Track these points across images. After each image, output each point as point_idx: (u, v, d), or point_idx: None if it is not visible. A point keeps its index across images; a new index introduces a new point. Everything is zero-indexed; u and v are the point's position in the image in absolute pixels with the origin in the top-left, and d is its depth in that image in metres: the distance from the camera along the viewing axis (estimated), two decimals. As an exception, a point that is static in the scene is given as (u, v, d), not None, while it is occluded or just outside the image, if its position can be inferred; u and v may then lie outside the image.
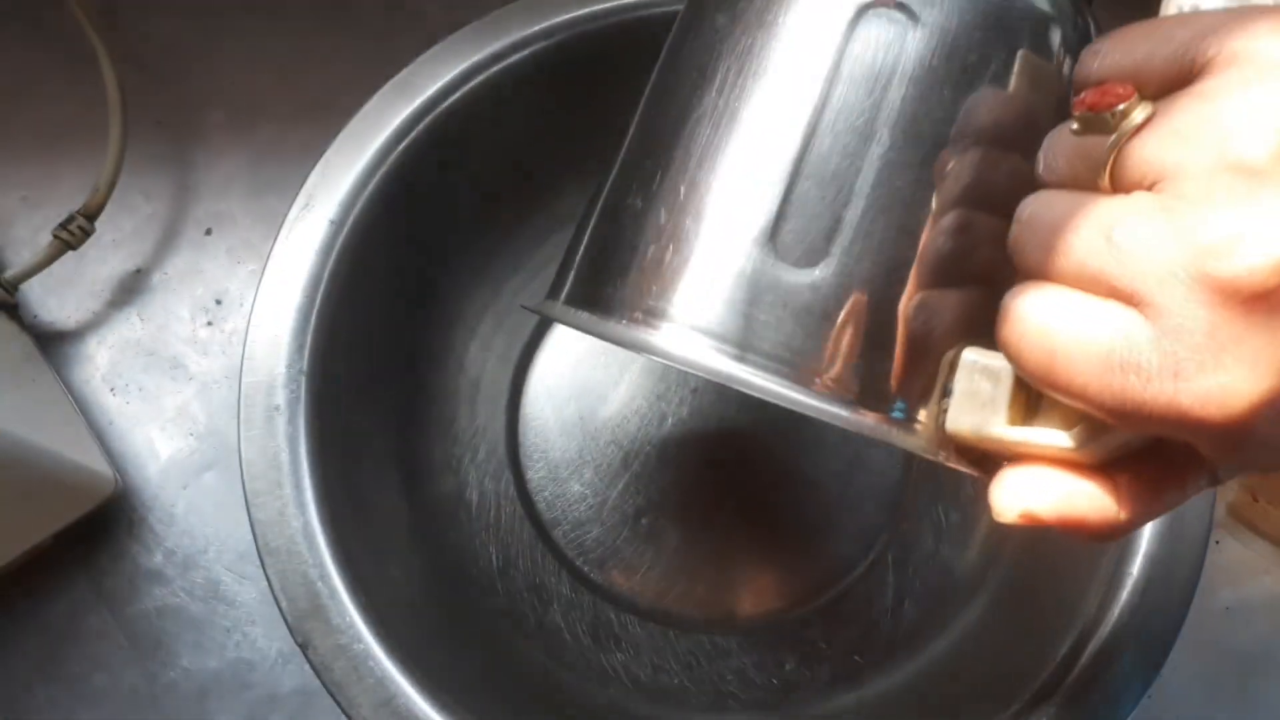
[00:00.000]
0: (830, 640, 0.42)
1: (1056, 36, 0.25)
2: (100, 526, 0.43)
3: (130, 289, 0.46)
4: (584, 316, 0.27)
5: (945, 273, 0.24)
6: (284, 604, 0.34)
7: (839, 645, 0.42)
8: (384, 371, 0.41)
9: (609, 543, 0.44)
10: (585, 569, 0.43)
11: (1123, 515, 0.21)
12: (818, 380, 0.24)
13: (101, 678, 0.42)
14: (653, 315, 0.25)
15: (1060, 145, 0.21)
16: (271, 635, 0.42)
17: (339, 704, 0.33)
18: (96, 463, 0.42)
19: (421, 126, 0.39)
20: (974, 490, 0.44)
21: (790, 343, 0.24)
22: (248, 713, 0.41)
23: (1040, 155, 0.22)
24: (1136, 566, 0.36)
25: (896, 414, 0.24)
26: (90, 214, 0.44)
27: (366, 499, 0.39)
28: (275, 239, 0.38)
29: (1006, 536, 0.42)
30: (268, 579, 0.34)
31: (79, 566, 0.43)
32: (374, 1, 0.49)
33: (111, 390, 0.45)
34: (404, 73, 0.40)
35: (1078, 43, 0.25)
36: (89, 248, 0.45)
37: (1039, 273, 0.20)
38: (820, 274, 0.24)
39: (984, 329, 0.23)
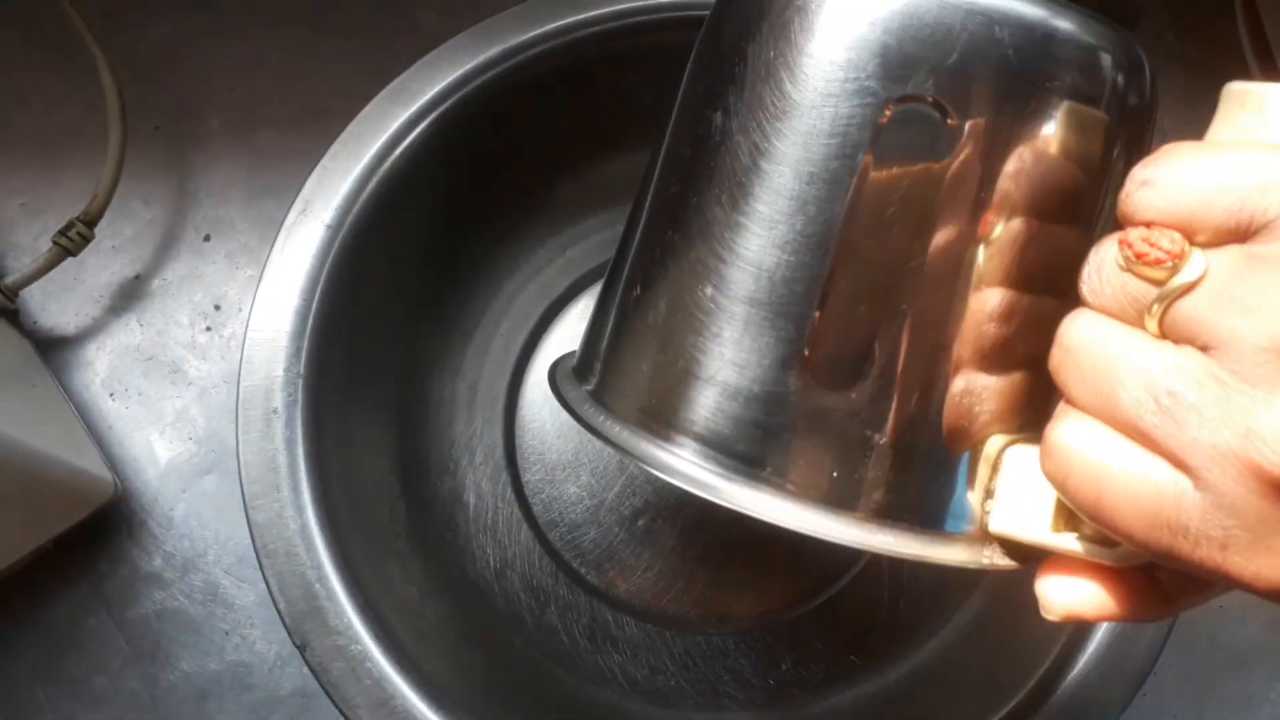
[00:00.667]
0: (826, 640, 0.42)
1: (1104, 80, 0.23)
2: (100, 530, 0.43)
3: (129, 295, 0.47)
4: (607, 424, 0.26)
5: (988, 363, 0.23)
6: (282, 605, 0.34)
7: (835, 645, 0.42)
8: (381, 375, 0.41)
9: (606, 544, 0.44)
10: (582, 570, 0.44)
11: (1165, 608, 0.22)
12: (855, 505, 0.23)
13: (101, 680, 0.42)
14: (673, 430, 0.24)
15: (1107, 275, 0.19)
16: (270, 638, 0.42)
17: (336, 704, 0.33)
18: (96, 467, 0.42)
19: (418, 132, 0.40)
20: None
21: (823, 468, 0.23)
22: (247, 715, 0.42)
23: (1086, 276, 0.20)
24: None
25: (940, 526, 0.23)
26: (90, 220, 0.44)
27: (364, 501, 0.39)
28: (273, 243, 0.38)
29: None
30: (266, 581, 0.35)
31: (79, 570, 0.43)
32: (371, 8, 0.50)
33: (111, 395, 0.45)
34: (400, 78, 0.40)
35: (1127, 75, 0.23)
36: (88, 254, 0.45)
37: (1084, 407, 0.20)
38: (857, 396, 0.23)
39: (1028, 417, 0.23)
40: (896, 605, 0.42)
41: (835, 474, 0.23)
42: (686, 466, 0.24)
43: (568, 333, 0.47)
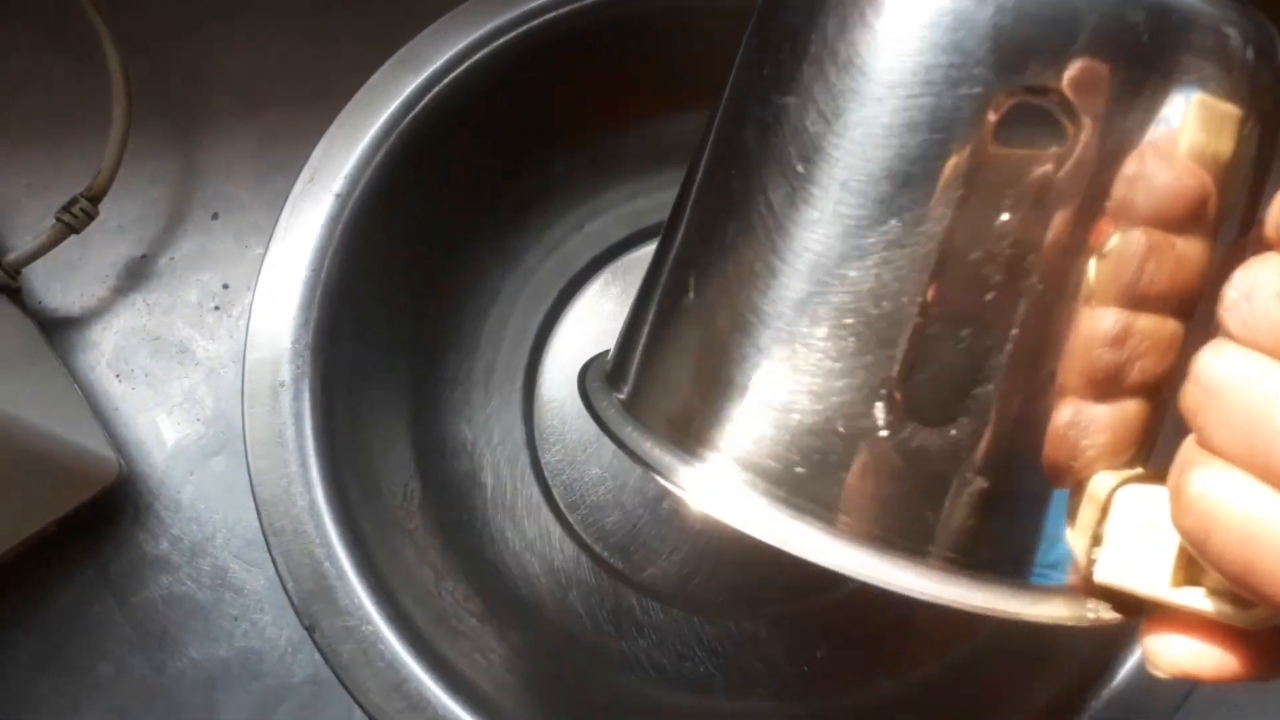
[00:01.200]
0: (863, 627, 0.40)
1: (1245, 74, 0.20)
2: (105, 514, 0.42)
3: (136, 274, 0.45)
4: (658, 454, 0.22)
5: (1098, 391, 0.20)
6: (289, 585, 0.33)
7: (872, 633, 0.40)
8: (394, 349, 0.40)
9: (629, 527, 0.42)
10: (605, 554, 0.42)
11: None
12: (937, 554, 0.20)
13: (106, 668, 0.40)
14: (728, 460, 0.21)
15: (1261, 306, 0.17)
16: (281, 624, 0.41)
17: (346, 688, 0.32)
18: (101, 448, 0.41)
19: (428, 99, 0.38)
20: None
21: (907, 511, 0.20)
22: (257, 703, 0.40)
23: (1232, 303, 0.18)
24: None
25: (1036, 578, 0.20)
26: (94, 197, 0.43)
27: (377, 479, 0.37)
28: (280, 213, 0.37)
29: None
30: (273, 560, 0.33)
31: (83, 554, 0.41)
32: (382, -18, 0.48)
33: (117, 376, 0.44)
34: (410, 44, 0.39)
35: (1272, 70, 0.20)
36: (93, 233, 0.44)
37: (1229, 456, 0.17)
38: (956, 432, 0.20)
39: (1136, 452, 0.20)
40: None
41: (917, 518, 0.20)
42: (746, 504, 0.21)
43: (587, 310, 0.45)
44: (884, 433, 0.20)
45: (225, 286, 0.45)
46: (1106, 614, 0.21)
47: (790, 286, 0.21)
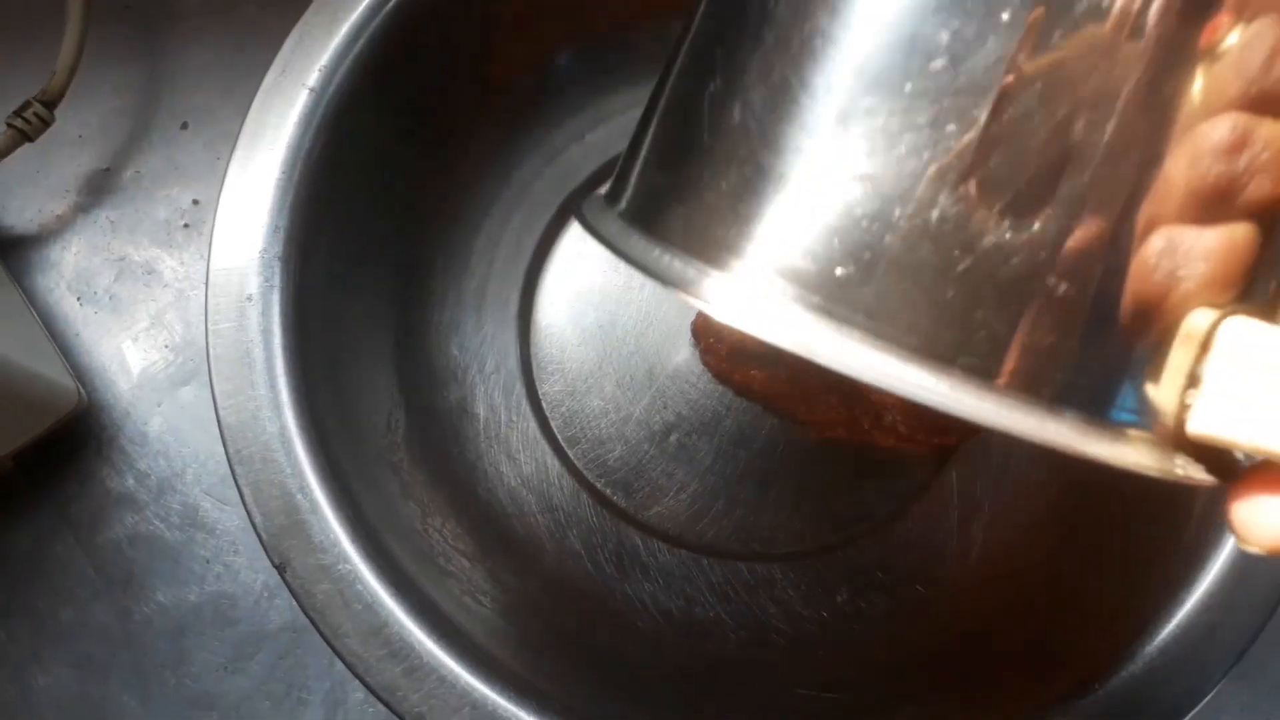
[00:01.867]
0: (887, 568, 0.37)
1: None
2: (65, 448, 0.38)
3: (99, 189, 0.42)
4: (670, 263, 0.19)
5: (1205, 208, 0.17)
6: (258, 519, 0.30)
7: (897, 574, 0.37)
8: (375, 264, 0.36)
9: (634, 462, 0.39)
10: (608, 491, 0.38)
11: None
12: (1005, 376, 0.17)
13: (68, 613, 0.37)
14: (759, 265, 0.18)
15: None
16: (256, 566, 0.38)
17: (321, 632, 0.29)
18: (60, 376, 0.37)
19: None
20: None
21: (970, 323, 0.17)
22: (231, 651, 0.37)
23: None
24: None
25: (1118, 416, 0.17)
26: (49, 101, 0.39)
27: (357, 407, 0.34)
28: (248, 110, 0.33)
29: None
30: (239, 491, 0.30)
31: (42, 492, 0.38)
32: None
33: (78, 299, 0.40)
34: (394, -74, 0.34)
35: None
36: (51, 143, 0.40)
37: None
38: (1039, 227, 0.16)
39: (1245, 288, 0.17)
40: (968, 528, 0.37)
41: (983, 332, 0.17)
42: (778, 313, 0.17)
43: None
44: (950, 226, 0.16)
45: (195, 202, 0.42)
46: (1197, 473, 0.17)
47: (849, 50, 0.17)
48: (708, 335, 0.38)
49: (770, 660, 0.36)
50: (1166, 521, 0.32)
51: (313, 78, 0.33)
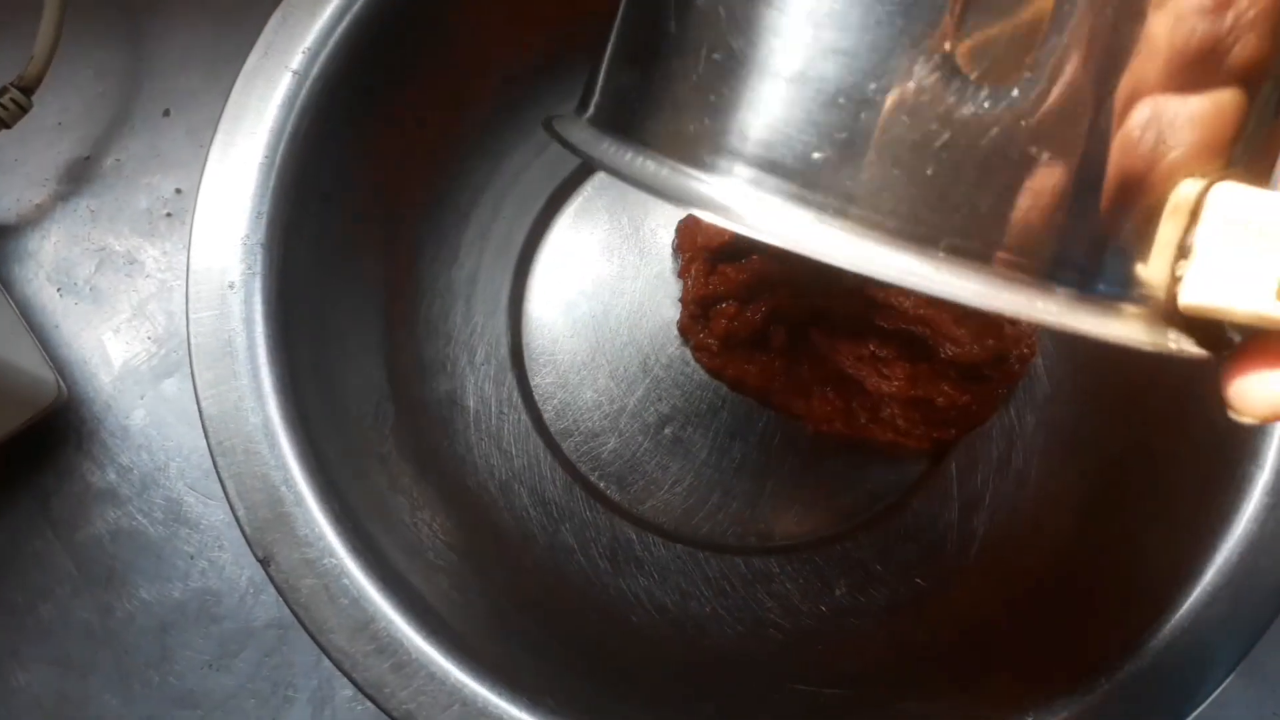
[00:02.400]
0: (886, 561, 0.36)
1: None
2: (45, 441, 0.37)
3: (79, 177, 0.41)
4: (636, 160, 0.18)
5: (1190, 72, 0.16)
6: (240, 512, 0.29)
7: (896, 567, 0.36)
8: (364, 254, 0.35)
9: (627, 455, 0.38)
10: (601, 484, 0.38)
11: None
12: (993, 254, 0.16)
13: (47, 610, 0.36)
14: (727, 156, 0.17)
15: None
16: (242, 562, 0.37)
17: (307, 629, 0.28)
18: (38, 368, 0.37)
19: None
20: (1051, 390, 0.38)
21: (951, 201, 0.16)
22: (216, 649, 0.36)
23: None
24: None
25: (1109, 291, 0.17)
26: (26, 86, 0.38)
27: (343, 397, 0.33)
28: (229, 94, 0.32)
29: (1089, 446, 0.36)
30: (221, 484, 0.29)
31: (20, 486, 0.37)
32: None
33: (58, 290, 0.40)
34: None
35: None
36: (30, 130, 0.39)
37: None
38: (1019, 94, 0.16)
39: (1239, 152, 0.16)
40: (969, 520, 0.36)
41: (967, 209, 0.16)
42: (755, 205, 0.17)
43: (579, 217, 0.40)
44: (926, 98, 0.16)
45: (178, 191, 0.41)
46: (1190, 347, 0.17)
47: None
48: (695, 332, 0.38)
49: (768, 655, 0.35)
50: (1172, 514, 0.32)
51: (296, 60, 0.33)
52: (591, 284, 0.40)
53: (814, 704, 0.33)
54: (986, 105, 0.16)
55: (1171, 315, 0.17)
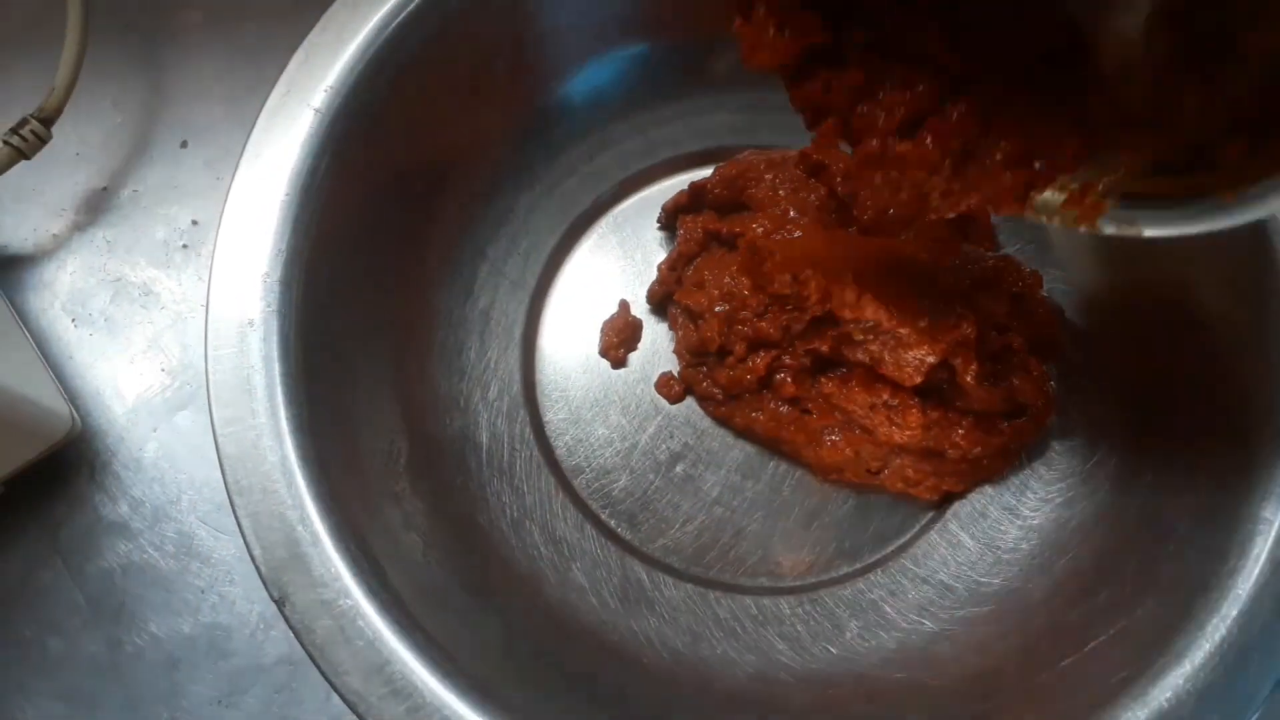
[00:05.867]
0: (897, 603, 0.36)
1: None
2: (57, 473, 0.37)
3: (96, 207, 0.41)
4: None
5: None
6: (257, 551, 0.29)
7: (908, 608, 0.36)
8: (379, 290, 0.35)
9: (639, 493, 0.38)
10: (612, 522, 0.38)
11: None
12: None
13: (57, 643, 0.36)
14: None
15: None
16: (253, 597, 0.37)
17: (321, 670, 0.28)
18: (52, 400, 0.37)
19: (416, 5, 0.34)
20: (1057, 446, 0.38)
21: None
22: (226, 685, 0.36)
23: None
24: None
25: None
26: (46, 118, 0.39)
27: (358, 434, 0.33)
28: (250, 130, 0.32)
29: (1096, 490, 0.36)
30: (238, 522, 0.29)
31: (32, 518, 0.37)
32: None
33: (73, 320, 0.40)
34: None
35: None
36: (48, 161, 0.39)
37: None
38: None
39: None
40: (980, 562, 0.36)
41: None
42: None
43: (592, 254, 0.41)
44: None
45: (194, 223, 0.41)
46: None
47: None
48: (698, 381, 0.38)
49: (780, 696, 0.35)
50: (1179, 566, 0.32)
51: (318, 98, 0.33)
52: (604, 320, 0.40)
53: (826, 749, 0.32)
54: None
55: None
